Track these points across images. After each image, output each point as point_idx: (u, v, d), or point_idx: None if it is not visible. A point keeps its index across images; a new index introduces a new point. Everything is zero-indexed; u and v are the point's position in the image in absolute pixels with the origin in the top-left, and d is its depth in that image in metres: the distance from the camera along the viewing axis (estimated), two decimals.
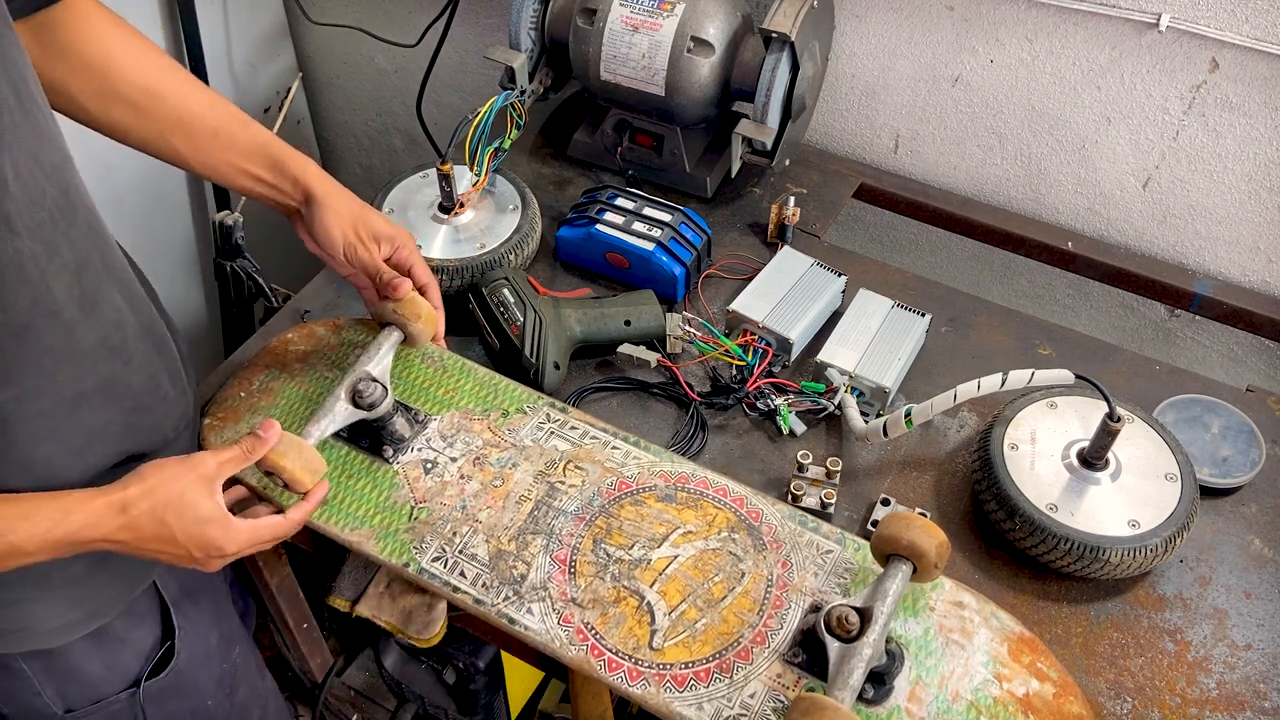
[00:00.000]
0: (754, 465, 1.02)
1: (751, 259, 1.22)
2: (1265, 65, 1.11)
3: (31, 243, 0.67)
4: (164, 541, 0.77)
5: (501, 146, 1.20)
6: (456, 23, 1.39)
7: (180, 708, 1.02)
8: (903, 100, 1.36)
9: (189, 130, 0.90)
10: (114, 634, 0.92)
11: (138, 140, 0.90)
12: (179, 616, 0.98)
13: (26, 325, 0.69)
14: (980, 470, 0.95)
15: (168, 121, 0.89)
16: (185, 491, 0.77)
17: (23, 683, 0.89)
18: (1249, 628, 0.90)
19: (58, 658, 0.89)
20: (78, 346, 0.74)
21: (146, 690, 0.97)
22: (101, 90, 0.85)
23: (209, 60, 1.59)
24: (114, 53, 0.85)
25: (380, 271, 0.97)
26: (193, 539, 0.77)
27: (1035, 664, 0.81)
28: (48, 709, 0.91)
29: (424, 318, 0.96)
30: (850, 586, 0.85)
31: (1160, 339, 1.40)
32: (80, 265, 0.73)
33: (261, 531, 0.82)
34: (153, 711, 0.98)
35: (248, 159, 0.93)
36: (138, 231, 1.64)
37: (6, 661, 0.87)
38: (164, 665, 0.98)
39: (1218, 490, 0.98)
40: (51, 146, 0.71)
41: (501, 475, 0.94)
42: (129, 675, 0.96)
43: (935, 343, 1.13)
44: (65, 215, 0.72)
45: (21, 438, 0.73)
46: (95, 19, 0.85)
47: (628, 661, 0.81)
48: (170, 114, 0.88)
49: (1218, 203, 1.24)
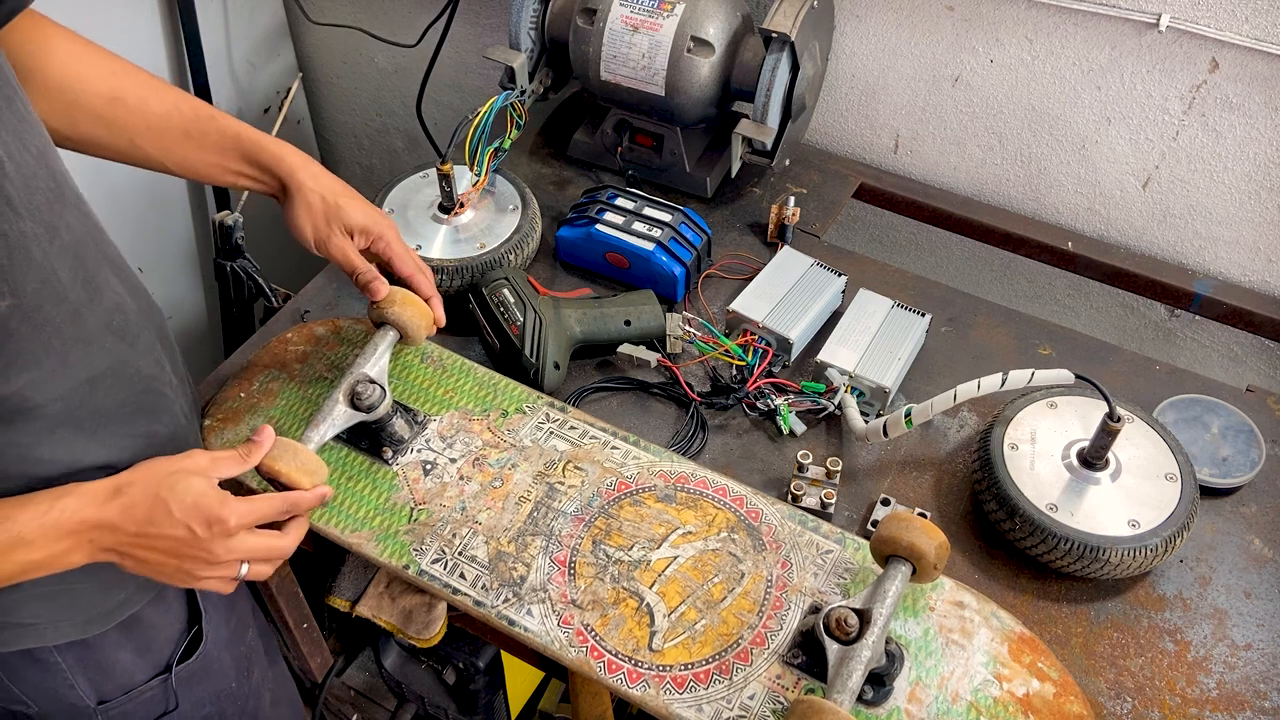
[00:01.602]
0: (754, 465, 1.02)
1: (751, 259, 1.22)
2: (1265, 65, 1.11)
3: (33, 224, 0.67)
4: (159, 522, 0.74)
5: (501, 146, 1.20)
6: (456, 23, 1.39)
7: (207, 691, 1.02)
8: (903, 100, 1.36)
9: (158, 133, 0.88)
10: (145, 621, 0.91)
11: (111, 151, 0.88)
12: (203, 599, 0.97)
13: (37, 307, 0.69)
14: (980, 470, 0.95)
15: (135, 127, 0.87)
16: (179, 472, 0.76)
17: (56, 676, 0.88)
18: (1249, 628, 0.90)
19: (91, 648, 0.88)
20: (85, 329, 0.74)
21: (178, 675, 0.96)
22: (67, 106, 0.84)
23: (209, 60, 1.59)
24: (71, 66, 0.84)
25: (356, 270, 0.93)
26: (188, 510, 0.75)
27: (1035, 664, 0.81)
28: (80, 701, 0.91)
29: (415, 314, 0.94)
30: (850, 587, 0.85)
31: (1160, 339, 1.40)
32: (77, 247, 0.73)
33: (259, 505, 0.79)
34: (184, 696, 0.98)
35: (223, 154, 0.91)
36: (138, 231, 1.64)
37: (40, 655, 0.86)
38: (192, 650, 0.97)
39: (1218, 490, 0.98)
40: (34, 131, 0.71)
41: (501, 476, 0.94)
42: (159, 662, 0.95)
43: (935, 343, 1.13)
44: (57, 198, 0.72)
45: (41, 423, 0.73)
46: (52, 37, 0.84)
47: (627, 663, 0.81)
48: (136, 119, 0.87)
49: (1218, 203, 1.24)
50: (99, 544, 0.75)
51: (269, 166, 0.92)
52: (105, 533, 0.74)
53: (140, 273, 1.73)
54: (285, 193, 0.92)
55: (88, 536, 0.74)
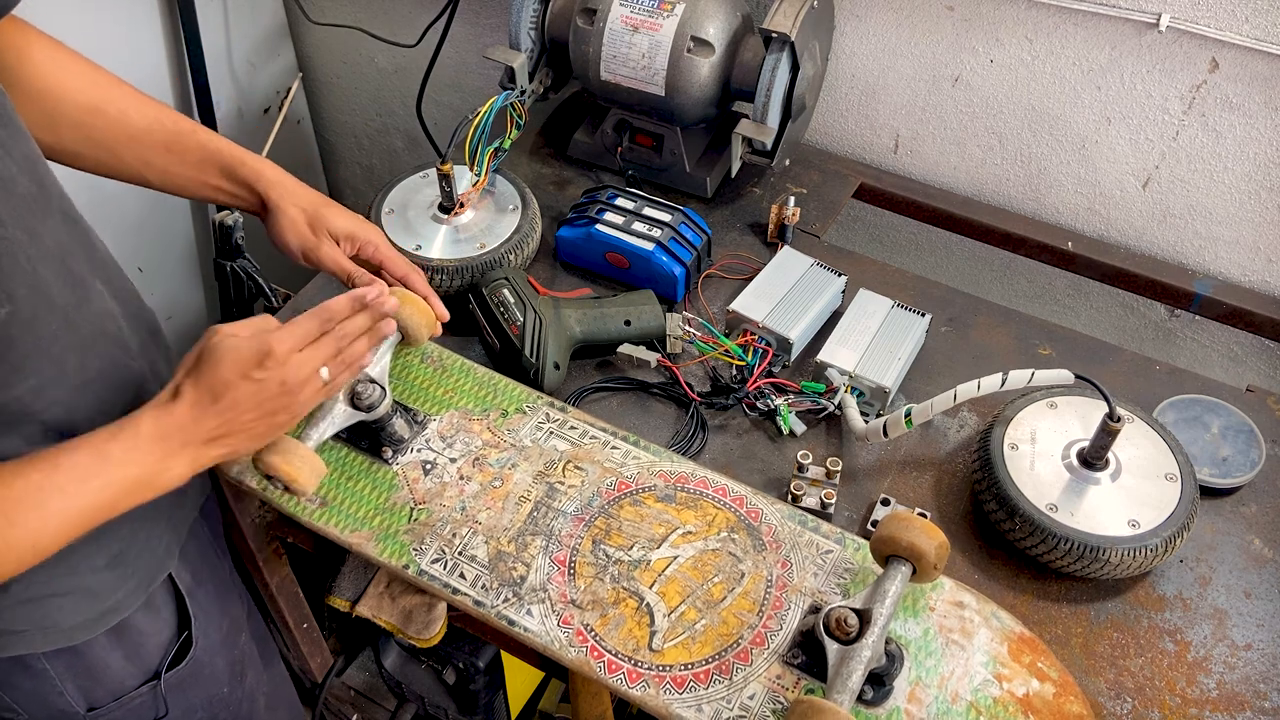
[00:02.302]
0: (754, 465, 1.02)
1: (751, 259, 1.22)
2: (1265, 65, 1.11)
3: (15, 230, 0.67)
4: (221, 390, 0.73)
5: (501, 146, 1.20)
6: (456, 23, 1.39)
7: (198, 696, 1.02)
8: (903, 100, 1.36)
9: (138, 145, 0.88)
10: (134, 627, 0.92)
11: (92, 162, 0.88)
12: (193, 605, 0.97)
13: (31, 314, 0.69)
14: (980, 470, 0.95)
15: (116, 138, 0.87)
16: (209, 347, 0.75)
17: (45, 683, 0.88)
18: (1249, 628, 0.90)
19: (80, 655, 0.88)
20: (78, 334, 0.75)
21: (167, 681, 0.96)
22: (50, 116, 0.84)
23: (209, 60, 1.59)
24: (52, 74, 0.84)
25: (350, 275, 0.93)
26: (236, 365, 0.73)
27: (1035, 664, 0.81)
28: (70, 708, 0.91)
29: (417, 314, 0.94)
30: (850, 587, 0.85)
31: (1160, 339, 1.40)
32: (62, 253, 0.73)
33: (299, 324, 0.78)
34: (174, 702, 0.98)
35: (202, 169, 0.90)
36: (138, 232, 1.64)
37: (29, 662, 0.86)
38: (182, 656, 0.97)
39: (1218, 490, 0.98)
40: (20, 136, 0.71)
41: (501, 476, 0.94)
42: (149, 668, 0.95)
43: (935, 343, 1.13)
44: (40, 205, 0.72)
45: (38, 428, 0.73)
46: (34, 43, 0.84)
47: (627, 663, 0.81)
48: (116, 130, 0.87)
49: (1218, 203, 1.24)
50: (189, 443, 0.74)
51: (248, 182, 0.91)
52: (186, 428, 0.73)
53: (140, 273, 1.74)
54: (265, 209, 0.92)
55: (175, 440, 0.73)
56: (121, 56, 1.49)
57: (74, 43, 0.88)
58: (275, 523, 1.13)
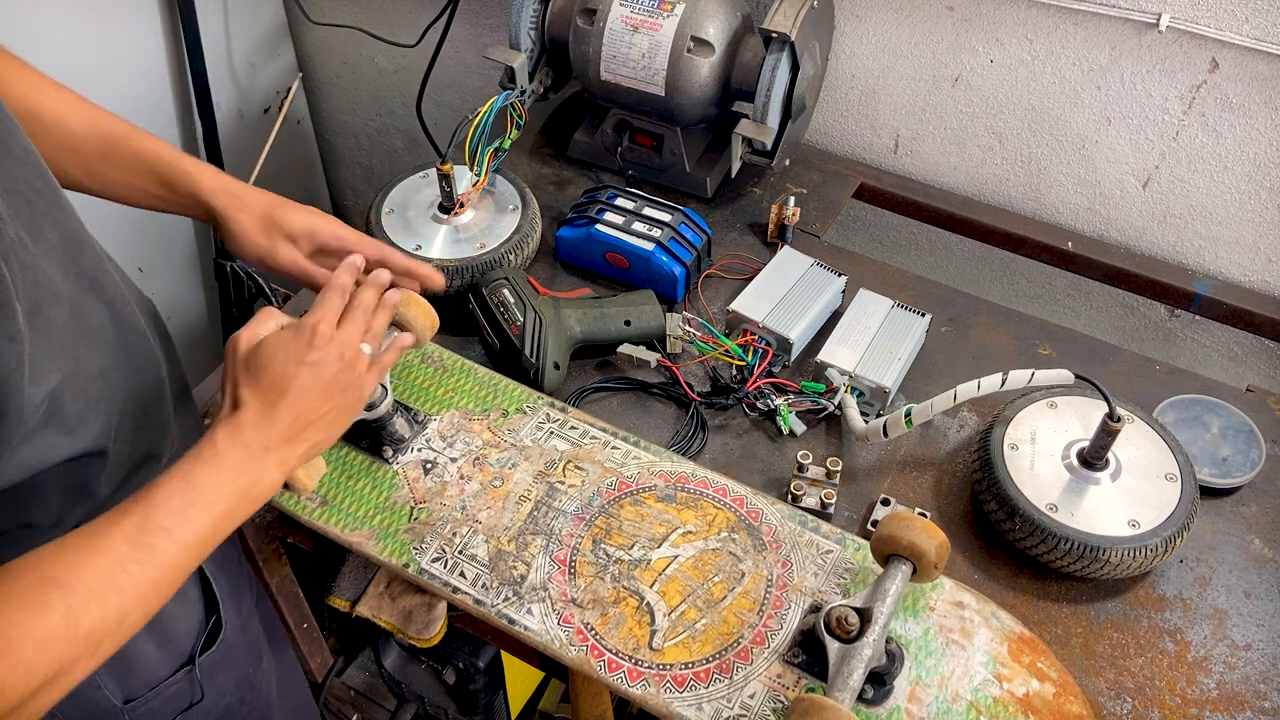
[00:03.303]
0: (754, 465, 1.02)
1: (751, 259, 1.22)
2: (1265, 65, 1.11)
3: (15, 227, 0.67)
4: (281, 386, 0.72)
5: (501, 146, 1.20)
6: (456, 23, 1.39)
7: (229, 679, 1.01)
8: (903, 100, 1.36)
9: (77, 152, 0.85)
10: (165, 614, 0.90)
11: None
12: (218, 587, 0.97)
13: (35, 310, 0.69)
14: (980, 470, 0.95)
15: (55, 146, 0.84)
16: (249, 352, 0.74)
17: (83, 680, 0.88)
18: (1249, 628, 0.90)
19: None
20: (90, 324, 0.74)
21: (201, 666, 0.95)
22: None
23: (209, 60, 1.59)
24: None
25: (314, 280, 0.90)
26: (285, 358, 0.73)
27: (1035, 664, 0.81)
28: (107, 702, 0.89)
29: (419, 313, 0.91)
30: (850, 586, 0.85)
31: (1160, 339, 1.40)
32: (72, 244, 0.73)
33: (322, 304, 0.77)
34: (207, 686, 0.97)
35: (139, 176, 0.87)
36: (138, 232, 1.64)
37: None
38: (213, 639, 0.96)
39: (1218, 490, 0.98)
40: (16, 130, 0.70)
41: (501, 475, 0.94)
42: (181, 654, 0.94)
43: (935, 343, 1.13)
44: (45, 197, 0.71)
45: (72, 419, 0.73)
46: None
47: (627, 662, 0.81)
48: (54, 137, 0.84)
49: (1218, 203, 1.24)
50: (271, 446, 0.73)
51: (188, 191, 0.87)
52: (264, 432, 0.73)
53: (140, 273, 1.74)
54: (213, 218, 0.89)
55: (257, 446, 0.72)
56: (121, 56, 1.49)
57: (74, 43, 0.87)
58: (275, 523, 1.13)
